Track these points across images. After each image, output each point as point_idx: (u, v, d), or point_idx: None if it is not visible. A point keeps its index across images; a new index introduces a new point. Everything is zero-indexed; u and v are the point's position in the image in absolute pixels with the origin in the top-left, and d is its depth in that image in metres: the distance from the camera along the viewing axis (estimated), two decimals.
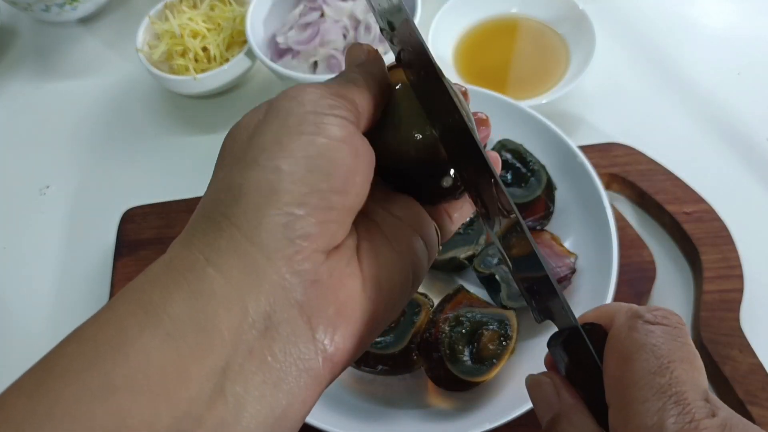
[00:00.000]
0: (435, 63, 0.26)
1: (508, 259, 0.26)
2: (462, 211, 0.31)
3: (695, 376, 0.21)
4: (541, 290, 0.25)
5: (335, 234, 0.24)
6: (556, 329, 0.25)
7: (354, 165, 0.24)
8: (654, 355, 0.21)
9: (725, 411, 0.20)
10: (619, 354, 0.22)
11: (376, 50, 0.29)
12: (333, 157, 0.23)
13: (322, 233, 0.23)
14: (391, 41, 0.29)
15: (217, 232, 0.22)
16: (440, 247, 0.30)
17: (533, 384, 0.25)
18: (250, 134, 0.24)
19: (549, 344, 0.24)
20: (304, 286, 0.22)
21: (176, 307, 0.21)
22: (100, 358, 0.20)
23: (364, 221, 0.26)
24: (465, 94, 0.30)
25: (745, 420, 0.20)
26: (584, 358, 0.23)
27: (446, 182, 0.28)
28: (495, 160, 0.30)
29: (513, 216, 0.25)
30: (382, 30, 0.30)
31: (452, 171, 0.28)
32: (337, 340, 0.23)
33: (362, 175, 0.25)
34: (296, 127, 0.23)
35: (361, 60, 0.28)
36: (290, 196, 0.22)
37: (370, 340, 0.25)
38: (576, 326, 0.23)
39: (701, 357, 0.55)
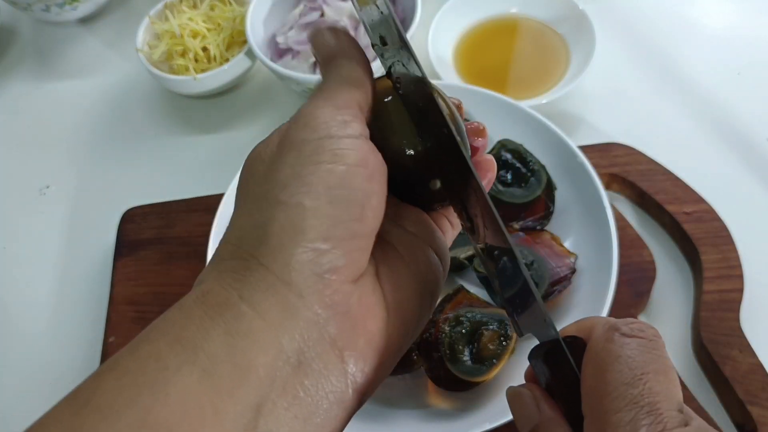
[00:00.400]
0: (430, 84, 0.26)
1: (492, 273, 0.26)
2: None
3: (669, 387, 0.21)
4: (523, 303, 0.25)
5: (360, 261, 0.24)
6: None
7: (370, 188, 0.24)
8: (628, 366, 0.21)
9: (698, 421, 0.21)
10: (594, 365, 0.22)
11: (345, 30, 0.28)
12: (351, 183, 0.23)
13: (348, 264, 0.23)
14: (382, 56, 0.28)
15: (247, 270, 0.22)
16: None
17: (513, 396, 0.25)
18: (266, 168, 0.24)
19: (530, 357, 0.25)
20: (337, 320, 0.22)
21: (213, 345, 0.21)
22: (139, 394, 0.20)
23: (379, 243, 0.26)
24: (459, 107, 0.29)
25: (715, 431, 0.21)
26: (564, 370, 0.23)
27: (433, 185, 0.27)
28: (490, 164, 0.29)
29: (500, 233, 0.25)
30: (373, 45, 0.28)
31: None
32: (367, 370, 0.23)
33: (378, 196, 0.24)
34: (313, 156, 0.23)
35: (333, 47, 0.27)
36: (315, 232, 0.22)
37: (395, 364, 0.25)
38: (557, 339, 0.24)
39: (701, 357, 0.55)
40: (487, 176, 0.29)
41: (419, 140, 0.27)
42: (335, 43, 0.27)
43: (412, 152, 0.27)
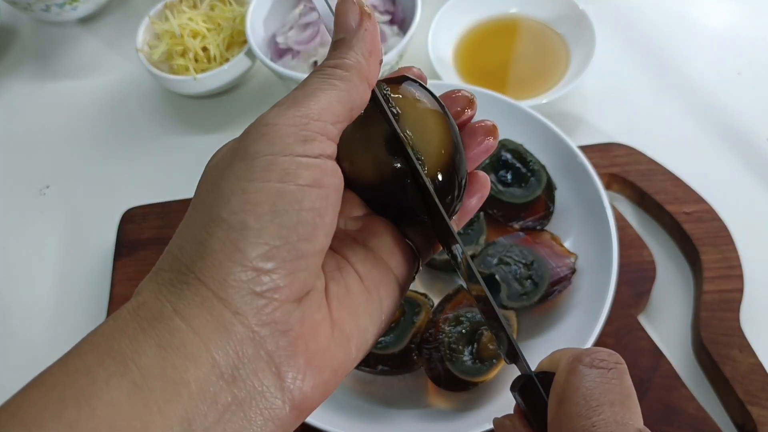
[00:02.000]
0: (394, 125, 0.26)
1: (475, 300, 0.27)
2: None
3: (625, 416, 0.23)
4: (502, 340, 0.27)
5: (306, 281, 0.23)
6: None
7: (323, 206, 0.23)
8: (584, 398, 0.23)
9: None
10: (557, 397, 0.24)
11: (372, 15, 0.26)
12: (301, 204, 0.22)
13: (292, 283, 0.22)
14: None
15: (183, 284, 0.22)
16: (420, 268, 0.29)
17: (497, 426, 0.27)
18: (217, 176, 0.23)
19: (511, 388, 0.27)
20: (275, 337, 0.22)
21: (144, 358, 0.20)
22: (65, 408, 0.19)
23: (333, 258, 0.25)
24: (471, 102, 0.29)
25: None
26: (537, 403, 0.25)
27: (409, 212, 0.27)
28: (484, 182, 0.29)
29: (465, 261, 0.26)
30: None
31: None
32: (305, 389, 0.23)
33: (331, 214, 0.24)
34: (262, 173, 0.22)
35: (350, 31, 0.26)
36: (257, 252, 0.22)
37: (340, 381, 0.25)
38: (530, 375, 0.26)
39: (701, 357, 0.55)
40: (481, 191, 0.29)
41: (399, 168, 0.26)
42: (353, 27, 0.26)
43: (388, 177, 0.26)
